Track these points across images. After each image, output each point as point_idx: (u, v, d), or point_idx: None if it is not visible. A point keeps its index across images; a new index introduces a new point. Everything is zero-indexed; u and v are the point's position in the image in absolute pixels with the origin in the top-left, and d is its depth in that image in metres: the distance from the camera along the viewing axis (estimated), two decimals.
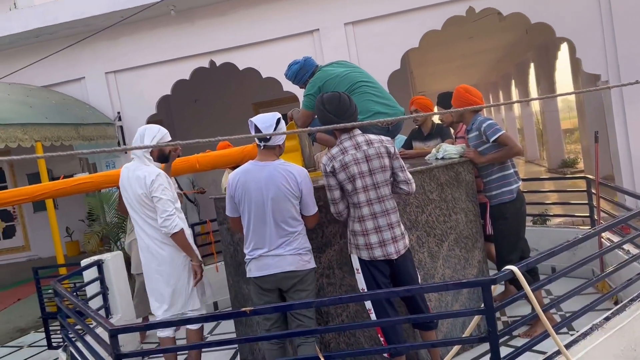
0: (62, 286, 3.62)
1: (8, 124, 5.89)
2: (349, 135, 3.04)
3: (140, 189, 3.41)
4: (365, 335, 3.41)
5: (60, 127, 6.76)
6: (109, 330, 2.36)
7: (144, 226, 3.51)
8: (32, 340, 5.64)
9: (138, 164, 3.51)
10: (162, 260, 3.47)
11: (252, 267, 3.06)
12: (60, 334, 5.06)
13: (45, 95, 7.59)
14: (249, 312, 2.27)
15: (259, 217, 2.98)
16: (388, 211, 3.00)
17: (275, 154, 3.07)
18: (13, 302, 7.80)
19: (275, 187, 2.93)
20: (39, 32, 7.77)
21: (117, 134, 7.94)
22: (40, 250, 11.22)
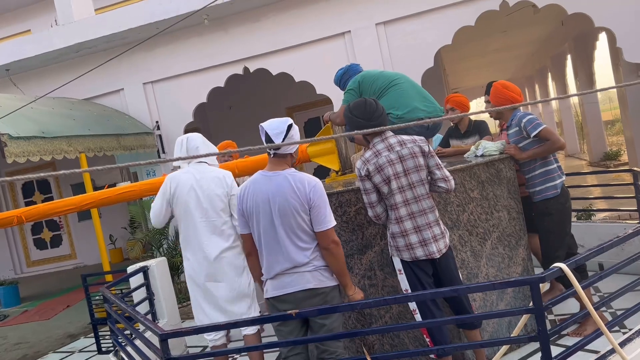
0: (110, 292, 3.74)
1: (54, 137, 6.11)
2: (381, 138, 3.02)
3: (220, 188, 3.47)
4: (410, 336, 3.39)
5: (102, 138, 6.97)
6: (159, 335, 2.42)
7: (207, 232, 3.46)
8: (83, 345, 5.81)
9: (204, 167, 3.57)
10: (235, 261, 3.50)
11: (269, 286, 2.81)
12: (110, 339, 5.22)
13: (87, 107, 7.85)
14: (294, 314, 2.28)
15: (269, 232, 2.73)
16: (425, 210, 2.97)
17: (287, 162, 2.83)
18: (62, 309, 8.06)
19: (283, 199, 2.68)
20: (79, 47, 8.05)
21: (156, 142, 8.14)
22: (85, 258, 11.58)
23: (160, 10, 7.44)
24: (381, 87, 3.66)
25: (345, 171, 4.28)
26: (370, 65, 6.39)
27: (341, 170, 4.26)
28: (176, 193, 3.50)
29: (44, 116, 6.41)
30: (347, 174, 4.23)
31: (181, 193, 3.48)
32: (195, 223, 3.47)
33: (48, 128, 6.14)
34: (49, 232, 11.93)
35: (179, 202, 3.49)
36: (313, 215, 2.70)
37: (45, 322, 7.55)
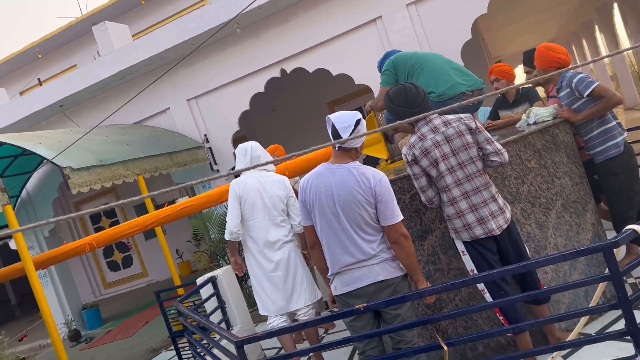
0: (183, 306, 3.87)
1: (111, 164, 6.38)
2: (425, 121, 2.96)
3: (281, 190, 3.96)
4: (483, 316, 3.32)
5: (156, 158, 7.22)
6: (234, 343, 2.48)
7: (270, 227, 3.92)
8: (165, 358, 6.06)
9: (264, 172, 4.04)
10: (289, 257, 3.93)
11: (337, 283, 2.79)
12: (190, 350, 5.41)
13: (138, 131, 8.15)
14: (362, 309, 2.28)
15: (333, 225, 2.73)
16: (479, 188, 2.89)
17: (351, 156, 2.80)
18: (142, 325, 8.42)
19: (347, 192, 2.67)
20: (122, 74, 8.36)
21: (207, 155, 8.34)
22: (156, 274, 12.03)
23: (192, 26, 7.62)
24: (415, 65, 3.62)
25: (394, 158, 4.24)
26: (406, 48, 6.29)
27: (390, 158, 4.23)
28: (244, 195, 3.94)
29: (100, 145, 6.70)
30: (397, 161, 4.19)
31: (249, 195, 3.93)
32: (260, 221, 3.93)
33: (105, 156, 6.42)
34: (119, 254, 12.47)
35: (247, 203, 3.93)
36: (380, 209, 2.66)
37: (128, 339, 7.92)
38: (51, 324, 5.06)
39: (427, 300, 2.94)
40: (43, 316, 5.10)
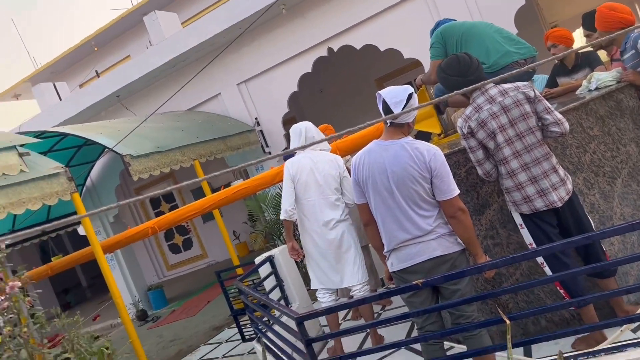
0: (243, 285, 3.98)
1: (168, 150, 6.59)
2: (480, 91, 2.88)
3: (334, 169, 4.01)
4: (545, 290, 3.24)
5: (210, 143, 7.40)
6: (295, 319, 2.53)
7: (324, 206, 3.98)
8: (228, 336, 6.28)
9: (318, 152, 4.08)
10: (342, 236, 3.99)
11: (393, 260, 2.77)
12: (251, 327, 5.58)
13: (191, 117, 8.35)
14: (420, 284, 2.28)
15: (388, 202, 2.69)
16: (539, 159, 2.79)
17: (403, 132, 2.75)
18: (204, 304, 8.74)
19: (401, 168, 2.63)
20: (174, 62, 8.56)
21: (259, 138, 8.46)
22: (215, 255, 12.42)
23: (239, 10, 7.67)
24: (464, 36, 3.52)
25: (447, 132, 4.16)
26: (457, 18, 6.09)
27: (444, 132, 4.15)
28: (297, 175, 4.02)
29: (157, 132, 6.93)
30: (450, 135, 4.11)
31: (302, 174, 4.01)
32: (314, 200, 4.00)
33: (162, 142, 6.63)
34: (180, 237, 12.93)
35: (300, 182, 4.02)
36: (436, 184, 2.61)
37: (191, 318, 8.26)
38: (121, 305, 5.34)
39: (486, 274, 2.90)
40: (113, 297, 5.39)
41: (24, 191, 4.80)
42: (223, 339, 6.24)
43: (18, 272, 4.46)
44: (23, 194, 4.77)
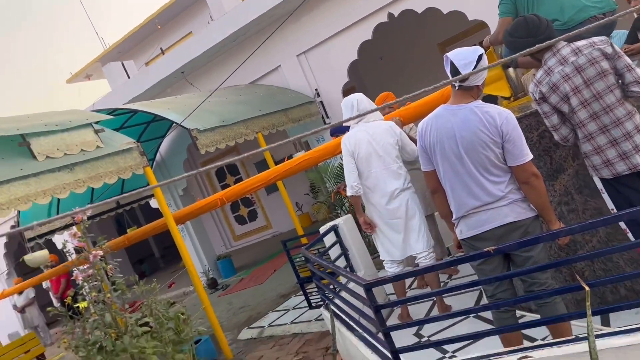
0: (310, 253, 4.05)
1: (233, 123, 6.73)
2: (551, 52, 2.70)
3: (391, 137, 3.98)
4: (625, 257, 3.09)
5: (272, 116, 7.49)
6: (363, 285, 2.55)
7: (386, 176, 3.97)
8: (294, 303, 6.44)
9: (372, 123, 4.06)
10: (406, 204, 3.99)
11: (462, 227, 2.72)
12: (318, 294, 5.70)
13: (253, 90, 8.47)
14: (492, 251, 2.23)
15: (457, 169, 2.62)
16: (620, 120, 2.60)
17: (472, 95, 2.64)
18: (271, 273, 9.00)
19: (471, 133, 2.55)
20: (234, 36, 8.66)
21: (319, 109, 8.46)
22: (280, 226, 12.70)
23: None
24: None
25: (517, 95, 3.98)
26: None
27: (513, 96, 3.97)
28: (356, 149, 4.01)
29: (221, 106, 7.08)
30: (520, 97, 3.93)
31: (360, 148, 4.00)
32: (376, 171, 3.99)
33: (226, 116, 6.77)
34: (245, 209, 13.30)
35: (360, 156, 4.01)
36: (508, 149, 2.52)
37: (259, 286, 8.53)
38: (193, 273, 5.59)
39: (561, 241, 2.79)
40: (185, 266, 5.64)
41: (101, 166, 5.07)
42: (290, 306, 6.41)
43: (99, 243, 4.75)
44: (100, 169, 5.04)
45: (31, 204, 4.41)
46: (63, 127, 4.95)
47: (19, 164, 4.49)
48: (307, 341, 4.98)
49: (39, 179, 4.52)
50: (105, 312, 4.44)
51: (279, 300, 7.01)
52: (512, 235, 2.58)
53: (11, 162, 4.49)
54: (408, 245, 4.06)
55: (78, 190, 4.79)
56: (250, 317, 6.87)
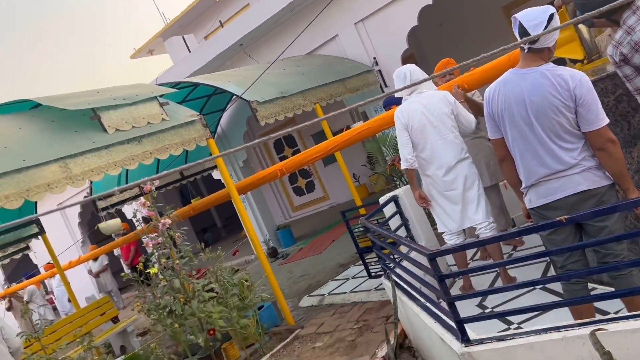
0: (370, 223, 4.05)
1: (291, 95, 6.76)
2: (631, 10, 2.50)
3: (446, 106, 3.91)
4: None
5: (330, 86, 7.45)
6: (427, 255, 2.53)
7: (442, 147, 3.91)
8: (354, 272, 6.50)
9: (425, 94, 3.99)
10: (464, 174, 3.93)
11: (532, 196, 2.62)
12: (377, 264, 5.72)
13: (311, 61, 8.43)
14: (565, 220, 2.14)
15: (527, 135, 2.52)
16: None
17: (543, 58, 2.51)
18: (329, 243, 9.10)
19: (542, 97, 2.43)
20: (291, 6, 8.61)
21: (377, 78, 8.33)
22: (337, 197, 12.76)
23: None
24: None
25: (591, 58, 3.74)
26: None
27: (587, 58, 3.74)
28: (409, 122, 3.95)
29: (279, 78, 7.11)
30: (595, 60, 3.69)
31: (414, 120, 3.93)
32: (432, 143, 3.92)
33: (284, 88, 6.80)
34: (303, 180, 13.44)
35: (414, 128, 3.94)
36: (582, 114, 2.40)
37: (317, 256, 8.66)
38: (256, 242, 5.73)
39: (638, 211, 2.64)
40: (248, 235, 5.79)
41: (167, 138, 5.23)
42: (349, 275, 6.48)
43: (166, 212, 4.95)
44: (166, 141, 5.21)
45: (103, 175, 4.63)
46: (130, 100, 5.13)
47: (92, 137, 4.72)
48: (367, 310, 5.03)
49: (110, 151, 4.73)
50: (174, 278, 4.65)
51: (338, 270, 7.09)
52: (585, 204, 2.47)
53: (84, 135, 4.72)
54: (466, 216, 3.99)
55: (146, 162, 4.98)
56: (310, 285, 7.00)
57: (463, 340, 2.49)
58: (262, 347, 5.09)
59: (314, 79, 7.36)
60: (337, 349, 4.43)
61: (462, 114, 3.97)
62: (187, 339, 4.68)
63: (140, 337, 8.29)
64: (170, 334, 4.55)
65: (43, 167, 4.22)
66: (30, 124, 4.83)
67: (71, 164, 4.41)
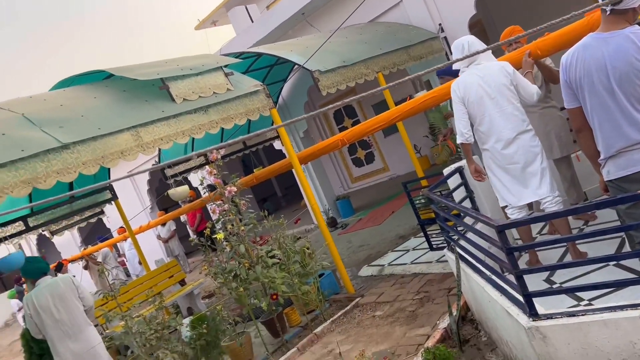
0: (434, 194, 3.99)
1: (353, 64, 6.67)
2: None
3: (504, 77, 3.78)
4: None
5: (393, 54, 7.29)
6: (496, 227, 2.48)
7: (501, 120, 3.79)
8: (414, 244, 6.46)
9: (483, 65, 3.86)
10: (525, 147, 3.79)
11: (611, 167, 2.49)
12: (440, 236, 5.66)
13: (373, 28, 8.27)
14: None
15: (606, 104, 2.39)
16: None
17: (627, 20, 2.36)
18: (389, 214, 9.07)
19: (625, 63, 2.28)
20: None
21: (442, 45, 8.07)
22: (397, 169, 12.63)
23: None
24: None
25: None
26: None
27: None
28: (466, 95, 3.87)
29: (341, 47, 7.03)
30: None
31: (470, 93, 3.84)
32: (490, 115, 3.81)
33: (347, 56, 6.72)
34: (362, 151, 13.37)
35: (471, 101, 3.85)
36: None
37: (377, 226, 8.66)
38: (317, 211, 5.79)
39: None
40: (309, 203, 5.86)
41: (232, 108, 5.33)
42: (409, 247, 6.45)
43: (231, 180, 5.08)
44: (231, 111, 5.31)
45: (172, 143, 4.79)
46: (197, 70, 5.25)
47: (161, 106, 4.87)
48: (428, 281, 5.01)
49: (178, 120, 4.87)
50: (239, 244, 4.80)
51: (398, 241, 7.07)
52: None
53: (154, 104, 4.89)
54: (529, 191, 3.84)
55: (212, 131, 5.11)
56: (370, 255, 7.03)
57: (531, 315, 2.44)
58: (322, 313, 5.20)
59: (376, 47, 7.23)
60: (397, 319, 4.45)
61: (522, 84, 3.82)
62: (251, 302, 4.84)
63: (205, 299, 8.68)
64: (235, 297, 4.72)
65: (117, 135, 4.41)
66: (104, 93, 5.05)
67: (142, 132, 4.58)
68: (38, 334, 4.41)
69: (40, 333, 4.40)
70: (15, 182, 3.72)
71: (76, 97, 4.95)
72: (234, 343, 4.80)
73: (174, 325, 4.44)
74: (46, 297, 4.38)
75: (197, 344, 4.53)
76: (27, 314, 4.35)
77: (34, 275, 4.57)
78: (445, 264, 5.15)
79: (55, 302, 4.38)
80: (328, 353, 4.35)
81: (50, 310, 4.35)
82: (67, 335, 4.38)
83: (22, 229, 7.64)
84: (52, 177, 3.92)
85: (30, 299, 4.37)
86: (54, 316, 4.36)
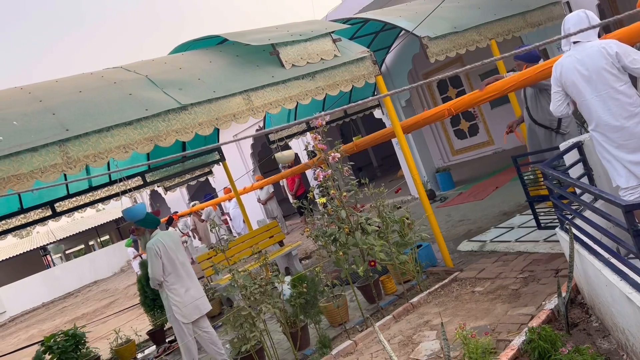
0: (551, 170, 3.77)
1: (465, 30, 6.38)
2: None
3: (603, 59, 3.50)
4: None
5: (508, 20, 6.87)
6: (623, 207, 2.30)
7: (599, 105, 3.57)
8: (520, 222, 6.17)
9: (583, 45, 3.63)
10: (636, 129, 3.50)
11: None
12: (552, 214, 5.37)
13: None
14: None
15: None
16: None
17: None
18: (492, 190, 8.72)
19: None
20: None
21: (564, 11, 7.47)
22: (502, 142, 12.02)
23: None
24: None
25: None
26: None
27: None
28: (562, 78, 3.74)
29: (453, 12, 6.73)
30: None
31: (567, 77, 3.70)
32: (587, 100, 3.63)
33: (458, 22, 6.44)
34: (466, 123, 12.88)
35: (568, 86, 3.71)
36: None
37: (479, 202, 8.37)
38: (418, 181, 5.70)
39: None
40: (411, 173, 5.77)
41: (337, 74, 5.34)
42: (514, 224, 6.18)
43: (336, 146, 5.13)
44: (337, 77, 5.32)
45: (280, 109, 4.92)
46: (306, 36, 5.30)
47: (271, 72, 5.00)
48: (534, 261, 4.79)
49: (287, 85, 4.98)
50: (340, 209, 4.87)
51: (501, 218, 6.81)
52: None
53: (264, 69, 5.02)
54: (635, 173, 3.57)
55: (318, 97, 5.17)
56: (470, 230, 6.84)
57: None
58: (419, 284, 5.17)
59: (490, 13, 6.84)
60: (498, 296, 4.32)
61: (631, 66, 3.46)
62: (349, 267, 4.93)
63: (302, 261, 8.98)
64: (334, 260, 4.83)
65: (230, 99, 4.61)
66: (219, 58, 5.27)
67: (253, 96, 4.74)
68: (161, 277, 4.90)
69: (162, 275, 4.89)
70: (140, 139, 4.04)
71: (193, 60, 5.21)
72: (331, 304, 4.94)
73: (276, 282, 4.64)
74: (171, 242, 5.08)
75: (297, 302, 4.71)
76: (157, 255, 4.87)
77: (151, 226, 5.12)
78: (554, 244, 4.88)
79: (177, 247, 5.12)
80: (424, 323, 4.34)
81: (175, 253, 5.05)
82: (189, 277, 5.06)
83: (140, 183, 8.34)
84: (172, 136, 4.20)
85: (160, 241, 4.99)
86: (179, 258, 5.06)
